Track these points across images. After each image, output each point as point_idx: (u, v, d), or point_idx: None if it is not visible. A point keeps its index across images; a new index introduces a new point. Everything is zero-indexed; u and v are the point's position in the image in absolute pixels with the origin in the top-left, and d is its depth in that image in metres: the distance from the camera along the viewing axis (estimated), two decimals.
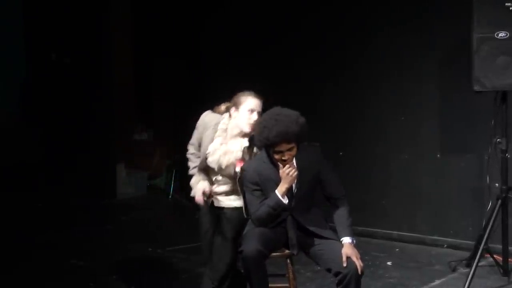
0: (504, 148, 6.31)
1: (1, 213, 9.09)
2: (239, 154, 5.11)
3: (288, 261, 5.12)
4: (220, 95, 8.62)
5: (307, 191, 5.04)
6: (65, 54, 10.20)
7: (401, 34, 7.36)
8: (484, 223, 6.51)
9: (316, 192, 5.10)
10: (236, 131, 5.16)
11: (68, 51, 10.16)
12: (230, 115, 5.22)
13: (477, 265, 6.11)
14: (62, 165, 10.06)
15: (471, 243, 6.70)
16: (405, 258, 7.03)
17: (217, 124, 5.27)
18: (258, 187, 5.03)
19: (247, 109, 5.14)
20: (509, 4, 6.06)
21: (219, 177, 5.24)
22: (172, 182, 10.04)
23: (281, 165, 4.93)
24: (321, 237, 5.00)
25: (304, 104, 7.58)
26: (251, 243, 4.85)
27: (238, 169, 5.05)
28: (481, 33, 6.13)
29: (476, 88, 6.19)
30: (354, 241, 4.98)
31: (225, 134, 5.21)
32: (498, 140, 6.37)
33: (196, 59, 9.15)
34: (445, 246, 7.22)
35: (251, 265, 4.83)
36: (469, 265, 6.42)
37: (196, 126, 5.43)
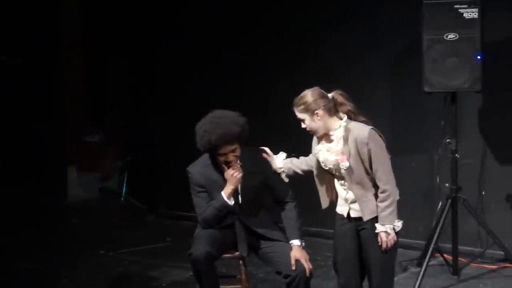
0: (453, 148, 6.38)
1: None
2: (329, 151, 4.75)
3: (241, 262, 5.12)
4: (173, 97, 8.66)
5: (254, 194, 5.06)
6: (16, 55, 10.08)
7: (351, 35, 7.39)
8: (434, 223, 6.58)
9: (265, 194, 5.11)
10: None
11: (19, 52, 10.05)
12: None
13: (427, 265, 6.18)
14: (12, 167, 9.93)
15: (422, 242, 6.76)
16: None
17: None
18: (203, 189, 5.03)
19: None
20: (458, 6, 6.13)
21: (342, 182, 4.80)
22: (125, 184, 9.99)
23: (225, 167, 4.94)
24: (270, 239, 5.03)
25: (257, 106, 7.67)
26: (200, 245, 4.86)
27: (343, 164, 4.64)
28: (431, 35, 6.20)
29: (426, 89, 6.26)
30: (303, 243, 5.01)
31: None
32: (448, 140, 6.43)
33: (149, 60, 9.10)
34: None
35: (201, 267, 4.84)
36: (420, 265, 6.47)
37: None
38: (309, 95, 4.74)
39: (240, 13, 8.08)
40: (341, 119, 4.73)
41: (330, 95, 4.78)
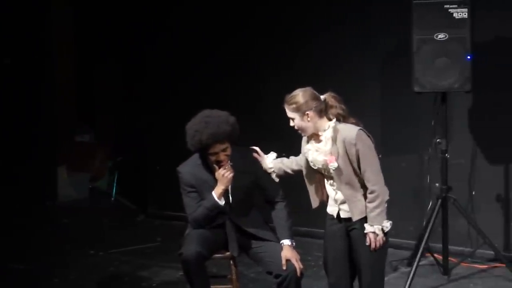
0: (444, 148, 6.39)
1: None
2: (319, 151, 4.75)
3: (231, 262, 5.12)
4: (163, 97, 8.65)
5: (245, 193, 5.06)
6: (5, 55, 10.04)
7: (341, 35, 7.40)
8: (424, 223, 6.59)
9: (255, 194, 5.12)
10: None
11: (8, 52, 10.01)
12: None
13: (418, 264, 6.19)
14: (1, 167, 9.89)
15: (412, 242, 6.79)
16: None
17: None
18: (194, 189, 5.03)
19: None
20: (448, 6, 6.14)
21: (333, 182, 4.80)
22: (115, 184, 9.97)
23: (216, 167, 4.94)
24: (261, 239, 5.03)
25: (248, 105, 7.66)
26: (190, 245, 4.86)
27: (332, 164, 4.65)
28: (421, 35, 6.20)
29: (416, 89, 6.26)
30: (294, 243, 5.02)
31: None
32: (438, 140, 6.45)
33: (138, 61, 9.08)
34: None
35: (192, 267, 4.84)
36: (410, 264, 6.49)
37: None
38: (301, 95, 4.73)
39: (230, 13, 8.08)
40: (330, 120, 4.74)
41: (322, 96, 4.77)
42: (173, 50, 8.50)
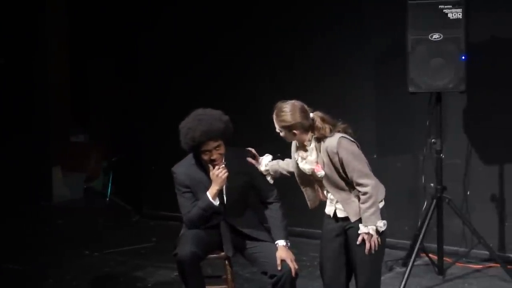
0: (438, 148, 6.39)
1: None
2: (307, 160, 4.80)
3: (226, 262, 5.12)
4: (157, 97, 8.65)
5: (240, 194, 5.06)
6: (0, 55, 10.03)
7: (336, 35, 7.40)
8: (419, 223, 6.60)
9: (250, 195, 5.12)
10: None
11: (2, 52, 10.00)
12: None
13: (413, 264, 6.19)
14: None
15: (407, 242, 6.78)
16: None
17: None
18: (189, 190, 5.03)
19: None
20: (443, 6, 6.15)
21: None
22: (110, 184, 9.96)
23: (211, 167, 4.93)
24: (256, 240, 5.03)
25: (242, 106, 7.66)
26: (185, 246, 4.86)
27: (319, 173, 4.71)
28: (416, 35, 6.21)
29: (411, 89, 6.27)
30: (289, 243, 5.01)
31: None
32: (433, 140, 6.45)
33: (133, 60, 9.07)
34: None
35: (187, 267, 4.84)
36: (405, 264, 6.49)
37: None
38: (290, 115, 4.69)
39: (225, 13, 8.07)
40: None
41: (311, 115, 4.76)
42: (168, 50, 8.50)
